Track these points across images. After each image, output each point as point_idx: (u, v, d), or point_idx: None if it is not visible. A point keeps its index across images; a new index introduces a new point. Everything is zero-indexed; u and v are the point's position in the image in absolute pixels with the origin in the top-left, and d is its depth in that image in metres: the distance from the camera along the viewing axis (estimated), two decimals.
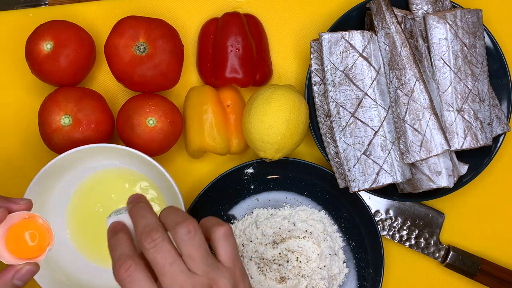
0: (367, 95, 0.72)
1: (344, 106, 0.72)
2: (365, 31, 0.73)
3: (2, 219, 0.56)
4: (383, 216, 0.81)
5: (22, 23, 0.80)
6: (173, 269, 0.50)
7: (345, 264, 0.78)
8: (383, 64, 0.73)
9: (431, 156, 0.70)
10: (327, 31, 0.74)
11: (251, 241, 0.76)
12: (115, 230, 0.54)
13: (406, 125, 0.71)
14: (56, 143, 0.71)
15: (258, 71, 0.77)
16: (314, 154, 0.81)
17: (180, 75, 0.75)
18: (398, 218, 0.81)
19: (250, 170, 0.78)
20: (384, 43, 0.73)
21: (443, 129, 0.71)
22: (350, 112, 0.72)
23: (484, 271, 0.79)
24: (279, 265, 0.75)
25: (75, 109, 0.70)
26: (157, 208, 0.75)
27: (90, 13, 0.81)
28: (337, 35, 0.72)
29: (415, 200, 0.78)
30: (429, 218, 0.81)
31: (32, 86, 0.80)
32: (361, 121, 0.72)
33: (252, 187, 0.79)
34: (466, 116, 0.73)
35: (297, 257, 0.75)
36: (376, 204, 0.81)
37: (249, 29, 0.78)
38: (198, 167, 0.81)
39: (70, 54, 0.71)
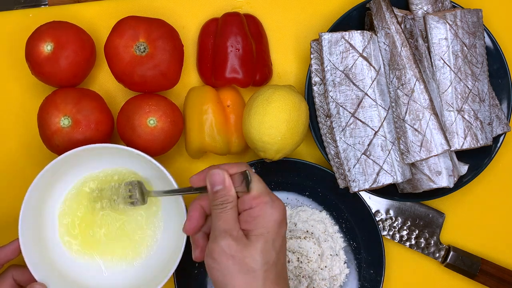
0: (367, 95, 0.72)
1: (344, 106, 0.72)
2: (365, 31, 0.73)
3: None
4: (383, 216, 0.81)
5: (22, 23, 0.80)
6: None
7: (346, 264, 0.78)
8: (383, 64, 0.73)
9: (431, 156, 0.70)
10: (327, 31, 0.74)
11: None
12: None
13: (406, 125, 0.71)
14: (57, 145, 0.71)
15: (258, 71, 0.77)
16: (314, 154, 0.81)
17: (180, 75, 0.75)
18: (398, 218, 0.81)
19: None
20: (384, 43, 0.73)
21: (443, 129, 0.71)
22: (350, 112, 0.72)
23: (484, 271, 0.79)
24: None
25: (74, 110, 0.70)
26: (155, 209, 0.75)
27: (90, 13, 0.81)
28: (337, 35, 0.72)
29: (415, 200, 0.78)
30: (429, 218, 0.81)
31: (32, 87, 0.80)
32: (361, 121, 0.72)
33: None
34: (466, 116, 0.74)
35: (298, 258, 0.75)
36: (376, 204, 0.81)
37: (249, 29, 0.78)
38: (198, 167, 0.80)
39: (70, 56, 0.71)
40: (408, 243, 0.81)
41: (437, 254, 0.80)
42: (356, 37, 0.72)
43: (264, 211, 0.57)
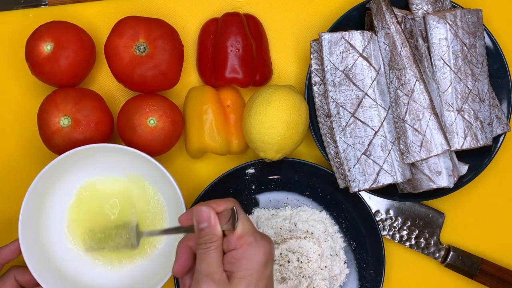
0: (367, 95, 0.72)
1: (344, 106, 0.72)
2: (365, 31, 0.73)
3: None
4: (383, 216, 0.81)
5: (22, 23, 0.80)
6: None
7: (346, 264, 0.78)
8: (383, 64, 0.73)
9: (431, 156, 0.70)
10: (327, 31, 0.74)
11: None
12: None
13: (406, 125, 0.71)
14: (57, 145, 0.71)
15: (258, 71, 0.77)
16: (314, 154, 0.81)
17: (180, 75, 0.75)
18: (398, 218, 0.81)
19: (251, 170, 0.78)
20: (384, 43, 0.73)
21: (443, 129, 0.71)
22: (350, 112, 0.72)
23: (484, 271, 0.79)
24: (280, 265, 0.75)
25: (73, 110, 0.70)
26: (155, 206, 0.75)
27: (90, 14, 0.81)
28: (337, 35, 0.72)
29: (415, 200, 0.78)
30: (429, 218, 0.81)
31: (32, 87, 0.80)
32: (361, 121, 0.72)
33: (253, 187, 0.79)
34: (466, 116, 0.74)
35: (298, 258, 0.75)
36: (376, 204, 0.81)
37: (249, 29, 0.78)
38: (198, 167, 0.81)
39: (70, 56, 0.71)
40: (408, 243, 0.81)
41: (437, 254, 0.80)
42: (356, 37, 0.72)
43: (248, 253, 0.56)
